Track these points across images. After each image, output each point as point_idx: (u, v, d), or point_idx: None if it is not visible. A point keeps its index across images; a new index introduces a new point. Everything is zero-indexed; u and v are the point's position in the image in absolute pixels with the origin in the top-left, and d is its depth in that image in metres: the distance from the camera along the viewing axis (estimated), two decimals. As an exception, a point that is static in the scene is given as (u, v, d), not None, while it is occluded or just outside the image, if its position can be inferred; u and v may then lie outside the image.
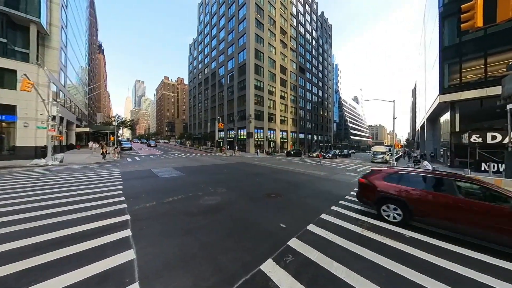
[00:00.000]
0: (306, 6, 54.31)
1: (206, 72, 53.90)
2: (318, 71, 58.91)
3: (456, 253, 3.42)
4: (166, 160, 18.11)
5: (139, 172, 11.40)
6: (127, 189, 7.35)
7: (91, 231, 3.87)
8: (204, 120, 53.20)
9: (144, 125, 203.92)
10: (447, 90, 17.08)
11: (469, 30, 4.60)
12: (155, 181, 8.88)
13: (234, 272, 2.75)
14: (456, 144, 16.28)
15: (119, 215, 4.73)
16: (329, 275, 2.78)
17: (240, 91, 38.74)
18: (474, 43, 15.69)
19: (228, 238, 3.77)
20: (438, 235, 4.10)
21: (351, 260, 3.14)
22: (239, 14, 39.73)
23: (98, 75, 67.33)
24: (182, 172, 11.44)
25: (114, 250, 3.21)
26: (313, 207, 5.75)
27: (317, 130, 57.47)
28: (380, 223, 4.67)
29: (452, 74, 16.99)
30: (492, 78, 14.55)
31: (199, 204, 5.79)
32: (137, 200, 5.96)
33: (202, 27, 57.43)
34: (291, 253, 3.29)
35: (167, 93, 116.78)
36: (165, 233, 3.89)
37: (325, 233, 4.05)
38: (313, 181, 9.94)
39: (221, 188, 7.77)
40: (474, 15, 4.46)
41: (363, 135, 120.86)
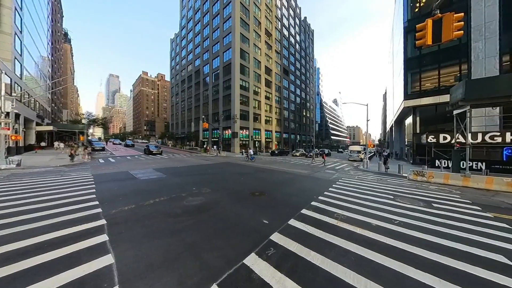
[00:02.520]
0: (290, 10, 56.04)
1: (190, 69, 51.98)
2: (301, 73, 61.26)
3: (412, 237, 4.04)
4: (146, 161, 17.10)
5: (114, 174, 10.61)
6: (101, 192, 6.85)
7: (60, 239, 3.58)
8: (188, 119, 51.26)
9: (119, 123, 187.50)
10: (410, 96, 19.40)
11: (421, 46, 5.41)
12: (133, 184, 8.40)
13: (218, 268, 2.87)
14: (417, 144, 18.60)
15: (92, 220, 4.44)
16: (306, 263, 3.08)
17: (225, 90, 38.31)
18: (431, 57, 18.14)
19: (213, 236, 3.85)
20: (401, 223, 4.76)
21: (326, 248, 3.50)
22: (224, 12, 39.24)
23: (64, 68, 59.94)
24: (164, 174, 10.99)
25: (90, 256, 3.06)
26: (294, 204, 6.11)
27: (300, 130, 59.78)
28: (353, 215, 5.22)
29: (414, 82, 19.35)
30: (444, 87, 17.01)
31: (183, 205, 5.72)
32: (113, 204, 5.62)
33: (185, 22, 55.19)
34: (273, 246, 3.52)
35: (146, 89, 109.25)
36: (147, 236, 3.80)
37: (304, 226, 4.39)
38: (295, 179, 10.45)
39: (206, 188, 7.72)
40: (425, 34, 5.27)
41: (342, 135, 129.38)
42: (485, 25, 15.21)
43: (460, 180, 9.76)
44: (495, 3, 14.79)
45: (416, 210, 5.70)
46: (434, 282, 2.66)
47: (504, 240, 3.94)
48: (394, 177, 12.20)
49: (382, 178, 11.86)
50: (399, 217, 5.11)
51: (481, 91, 9.15)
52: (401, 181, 10.71)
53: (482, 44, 15.39)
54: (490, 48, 15.07)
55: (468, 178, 9.60)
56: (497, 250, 3.51)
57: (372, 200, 6.60)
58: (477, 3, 15.58)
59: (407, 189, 8.65)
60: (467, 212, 5.63)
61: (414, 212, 5.50)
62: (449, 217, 5.21)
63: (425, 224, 4.67)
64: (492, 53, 14.97)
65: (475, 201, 6.92)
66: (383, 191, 8.11)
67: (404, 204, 6.25)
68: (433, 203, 6.49)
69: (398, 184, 9.74)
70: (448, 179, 10.15)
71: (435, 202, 6.62)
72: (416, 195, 7.47)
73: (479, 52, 15.52)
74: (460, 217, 5.23)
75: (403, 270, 2.90)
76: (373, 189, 8.35)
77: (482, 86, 9.30)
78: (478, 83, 9.82)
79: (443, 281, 2.67)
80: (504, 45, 14.58)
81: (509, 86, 8.52)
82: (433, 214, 5.37)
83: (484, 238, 3.98)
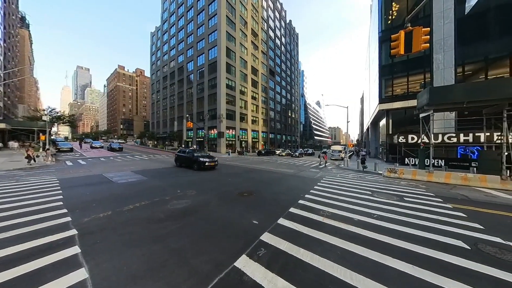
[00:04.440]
0: (276, 13, 57.03)
1: (172, 65, 49.48)
2: (286, 75, 62.79)
3: (389, 229, 4.41)
4: (123, 163, 15.76)
5: (86, 178, 9.55)
6: (69, 199, 6.10)
7: (18, 255, 3.08)
8: (170, 118, 48.72)
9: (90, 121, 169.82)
10: (384, 100, 21.25)
11: (395, 55, 5.95)
12: (109, 188, 7.66)
13: (208, 273, 2.76)
14: (390, 144, 20.46)
15: (60, 231, 3.92)
16: (296, 260, 3.14)
17: (211, 89, 37.35)
18: (401, 65, 20.11)
19: (201, 240, 3.71)
20: (379, 217, 5.16)
21: (314, 245, 3.62)
22: (210, 9, 38.24)
23: (21, 56, 52.10)
24: (145, 176, 10.25)
25: (57, 273, 2.68)
26: (283, 203, 6.22)
27: (286, 131, 61.29)
28: (337, 211, 5.50)
29: (387, 88, 21.25)
30: (411, 93, 19.01)
31: (167, 209, 5.39)
32: (85, 211, 5.05)
33: (167, 15, 52.36)
34: (264, 246, 3.52)
35: (123, 85, 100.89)
36: (127, 244, 3.49)
37: (293, 225, 4.49)
38: (282, 179, 10.65)
39: (192, 190, 7.41)
40: (399, 44, 5.82)
41: (324, 136, 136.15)
42: (444, 39, 17.43)
43: (425, 175, 11.02)
44: (452, 21, 17.04)
45: (391, 204, 6.24)
46: (408, 268, 2.93)
47: (462, 227, 4.54)
48: (371, 174, 13.23)
49: (361, 175, 12.77)
50: (377, 211, 5.54)
51: (442, 97, 10.45)
52: (377, 178, 11.66)
53: (441, 56, 17.60)
54: (447, 60, 17.30)
55: (431, 174, 10.88)
56: (457, 236, 4.02)
57: (353, 197, 7.05)
58: (438, 20, 17.76)
59: (383, 185, 9.45)
60: (432, 204, 6.36)
61: (389, 206, 6.02)
62: (418, 209, 5.83)
63: (399, 216, 5.15)
64: (449, 64, 17.21)
65: (438, 194, 7.87)
66: (362, 187, 8.73)
67: (380, 199, 6.81)
68: (405, 197, 7.19)
69: (375, 181, 10.58)
70: (415, 175, 11.37)
71: (406, 196, 7.35)
72: (390, 191, 8.20)
73: (439, 63, 17.72)
74: (426, 208, 5.88)
75: (382, 260, 3.14)
76: (354, 186, 8.93)
77: (442, 93, 10.63)
78: (439, 90, 11.19)
79: (416, 267, 2.96)
80: (458, 58, 16.88)
81: (462, 94, 9.89)
82: (404, 207, 5.95)
83: (446, 226, 4.53)
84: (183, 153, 14.55)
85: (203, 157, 13.25)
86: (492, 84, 10.28)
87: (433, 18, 17.92)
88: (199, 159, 12.90)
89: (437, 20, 17.76)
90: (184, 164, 14.00)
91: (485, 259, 3.22)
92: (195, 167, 12.89)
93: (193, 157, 13.31)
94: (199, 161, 12.83)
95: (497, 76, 15.34)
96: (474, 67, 16.57)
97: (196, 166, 12.84)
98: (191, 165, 13.25)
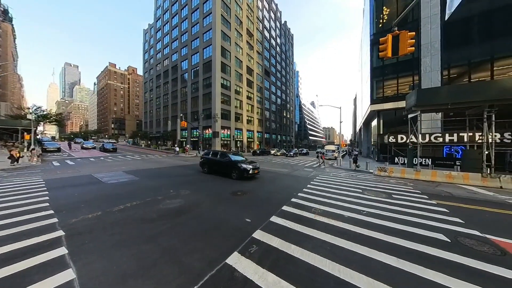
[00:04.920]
0: (271, 13, 57.30)
1: (166, 64, 48.60)
2: (281, 75, 63.22)
3: (376, 224, 4.58)
4: (114, 163, 15.35)
5: (74, 178, 9.24)
6: (56, 200, 5.90)
7: (1, 257, 2.97)
8: (164, 118, 47.84)
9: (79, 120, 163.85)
10: (375, 101, 21.87)
11: (383, 58, 6.17)
12: (99, 188, 7.46)
13: (199, 271, 2.78)
14: (381, 144, 21.08)
15: (46, 232, 3.80)
16: (287, 256, 3.21)
17: (205, 88, 37.02)
18: (391, 67, 20.78)
19: (193, 239, 3.71)
20: (368, 214, 5.34)
21: (305, 241, 3.71)
22: (204, 8, 37.90)
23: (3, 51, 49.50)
24: (137, 176, 10.05)
25: (43, 274, 2.61)
26: (276, 201, 6.30)
27: (281, 131, 61.71)
28: (329, 208, 5.64)
29: (378, 89, 21.89)
30: (401, 94, 19.68)
31: (159, 208, 5.34)
32: (73, 212, 4.91)
33: (161, 12, 51.37)
34: (255, 243, 3.58)
35: (114, 83, 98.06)
36: (117, 244, 3.44)
37: (285, 222, 4.57)
38: (276, 178, 10.75)
39: (185, 190, 7.35)
40: (387, 47, 6.04)
41: (319, 136, 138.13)
42: (431, 43, 18.17)
43: (413, 174, 11.46)
44: (438, 26, 17.80)
45: (379, 201, 6.47)
46: (392, 261, 3.07)
47: (444, 222, 4.79)
48: (363, 173, 13.61)
49: (353, 174, 13.11)
50: (367, 208, 5.74)
51: (428, 99, 10.92)
52: (368, 177, 12.01)
53: (429, 60, 18.34)
54: (434, 63, 18.06)
55: (419, 172, 11.34)
56: (439, 230, 4.24)
57: (344, 195, 7.25)
58: (425, 25, 18.50)
59: (373, 183, 9.76)
60: (418, 201, 6.65)
61: (378, 203, 6.24)
62: (405, 205, 6.08)
63: (387, 212, 5.36)
64: (436, 67, 17.97)
65: (424, 191, 8.22)
66: (354, 186, 8.97)
67: (370, 197, 7.04)
68: (393, 194, 7.47)
69: (365, 179, 10.89)
70: (404, 173, 11.81)
71: (394, 193, 7.63)
72: (380, 188, 8.49)
73: (427, 66, 18.45)
74: (412, 205, 6.15)
75: (369, 254, 3.28)
76: (345, 185, 9.17)
77: (429, 95, 11.11)
78: (426, 92, 11.68)
79: (400, 260, 3.11)
80: (444, 62, 17.66)
81: (446, 96, 10.38)
82: (392, 204, 6.19)
83: (430, 221, 4.77)
84: (214, 156, 11.27)
85: (244, 162, 10.11)
86: (473, 87, 10.86)
87: (421, 23, 18.64)
88: (241, 165, 9.63)
89: (425, 25, 18.50)
90: (216, 170, 10.81)
91: (463, 251, 3.43)
92: (234, 175, 9.64)
93: (230, 161, 10.13)
94: (241, 167, 9.52)
95: (479, 79, 16.17)
96: (459, 70, 17.39)
97: (236, 174, 9.59)
98: (228, 172, 10.05)
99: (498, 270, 2.91)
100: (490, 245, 3.67)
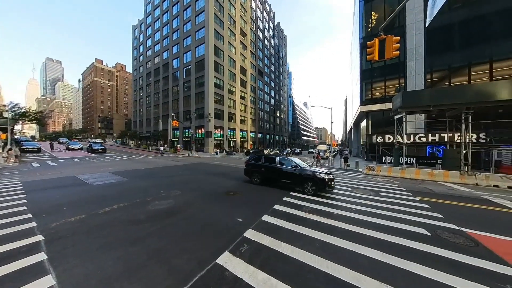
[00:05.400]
0: (265, 14, 57.51)
1: (157, 61, 47.22)
2: (275, 76, 63.65)
3: (364, 221, 4.75)
4: (100, 164, 14.69)
5: (56, 180, 8.74)
6: (35, 202, 5.56)
7: (-28, 265, 2.75)
8: (155, 117, 46.46)
9: (62, 119, 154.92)
10: (364, 103, 22.66)
11: (371, 61, 6.42)
12: (83, 190, 7.11)
13: (189, 271, 2.74)
14: (369, 143, 21.88)
15: (23, 237, 3.57)
16: (278, 254, 3.25)
17: (198, 87, 36.42)
18: (379, 70, 21.63)
19: (183, 240, 3.65)
20: (356, 211, 5.52)
21: (295, 239, 3.77)
22: (197, 5, 37.27)
23: (-27, 43, 45.54)
24: (125, 177, 9.68)
25: (18, 283, 2.44)
26: (268, 200, 6.34)
27: (274, 131, 62.12)
28: (319, 206, 5.77)
29: (367, 91, 22.70)
30: (388, 96, 20.54)
31: (148, 210, 5.19)
32: (54, 216, 4.65)
33: (151, 8, 49.83)
34: (247, 242, 3.58)
35: (101, 80, 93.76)
36: (103, 248, 3.30)
37: (277, 221, 4.62)
38: (269, 177, 10.81)
39: (175, 191, 7.20)
40: (374, 51, 6.29)
41: (311, 136, 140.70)
42: (415, 48, 19.14)
43: (399, 172, 12.02)
44: (421, 32, 18.79)
45: (367, 199, 6.72)
46: (377, 255, 3.21)
47: (426, 217, 5.08)
48: (353, 172, 14.06)
49: (343, 173, 13.50)
50: (355, 205, 5.94)
51: (413, 101, 11.50)
52: (358, 175, 12.43)
53: (413, 64, 19.30)
54: (419, 67, 19.04)
55: (404, 171, 11.90)
56: (421, 225, 4.49)
57: (335, 193, 7.45)
58: (410, 30, 19.46)
59: (362, 181, 10.11)
60: (402, 198, 6.99)
61: (366, 201, 6.48)
62: (390, 202, 6.37)
63: (374, 209, 5.58)
64: (420, 71, 18.95)
65: (408, 188, 8.65)
66: (343, 184, 9.25)
67: (359, 195, 7.29)
68: (380, 192, 7.79)
69: (355, 178, 11.26)
70: (391, 172, 12.35)
71: (381, 191, 7.96)
72: (368, 186, 8.82)
73: (412, 70, 19.41)
74: (397, 201, 6.45)
75: (356, 249, 3.40)
76: (336, 183, 9.41)
77: (413, 97, 11.70)
78: (411, 95, 12.28)
79: (384, 254, 3.26)
80: (427, 66, 18.67)
81: (428, 99, 10.99)
82: (379, 201, 6.45)
83: (412, 217, 5.03)
84: (269, 162, 8.34)
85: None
86: (452, 91, 11.59)
87: (406, 28, 19.59)
88: (319, 174, 7.05)
89: (410, 31, 19.45)
90: (271, 179, 8.30)
91: (441, 244, 3.65)
92: (308, 188, 7.00)
93: (296, 169, 7.52)
94: (316, 177, 6.99)
95: (458, 83, 17.28)
96: (440, 74, 18.47)
97: (311, 187, 6.96)
98: (296, 183, 7.54)
99: (471, 260, 3.14)
100: (465, 237, 3.95)
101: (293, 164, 7.82)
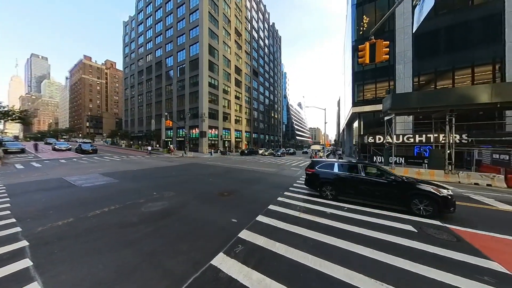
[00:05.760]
0: (260, 14, 57.64)
1: (149, 59, 46.11)
2: (269, 76, 63.96)
3: (355, 219, 4.91)
4: (89, 165, 14.16)
5: (41, 182, 8.35)
6: (19, 206, 5.30)
7: (-51, 274, 2.60)
8: (147, 116, 45.36)
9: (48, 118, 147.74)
10: (356, 104, 23.26)
11: (362, 64, 6.63)
12: (71, 193, 6.85)
13: (183, 273, 2.73)
14: (361, 144, 22.49)
15: (7, 243, 3.41)
16: (272, 254, 3.30)
17: (192, 86, 35.92)
18: (371, 72, 22.28)
19: (177, 242, 3.62)
20: (348, 209, 5.69)
21: (289, 238, 3.84)
22: (191, 3, 36.75)
23: None
24: (115, 179, 9.41)
25: (4, 290, 2.35)
26: (262, 201, 6.39)
27: (269, 131, 62.43)
28: (313, 206, 5.89)
29: (359, 93, 23.31)
30: (379, 98, 21.20)
31: (141, 212, 5.09)
32: (40, 220, 4.46)
33: (143, 4, 48.58)
34: (241, 243, 3.61)
35: (89, 77, 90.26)
36: (92, 252, 3.21)
37: (271, 221, 4.68)
38: (264, 178, 10.89)
39: (169, 192, 7.09)
40: (365, 54, 6.50)
41: (305, 136, 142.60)
42: (404, 52, 19.89)
43: (389, 171, 12.45)
44: (410, 37, 19.55)
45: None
46: (367, 252, 3.34)
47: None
48: (345, 172, 14.38)
49: (336, 172, 13.79)
50: (347, 204, 6.11)
51: (402, 103, 11.96)
52: (350, 175, 12.73)
53: (402, 67, 20.04)
54: (407, 71, 19.79)
55: (393, 170, 12.34)
56: (408, 222, 4.70)
57: (328, 192, 7.61)
58: (399, 35, 20.19)
59: (354, 181, 10.38)
60: (392, 196, 7.25)
61: (357, 199, 6.67)
62: (380, 201, 6.59)
63: (365, 208, 5.76)
64: (408, 74, 19.72)
65: (397, 187, 8.98)
66: (336, 183, 9.45)
67: (351, 194, 7.48)
68: (371, 191, 8.05)
69: (347, 177, 11.55)
70: (381, 171, 12.76)
71: (372, 190, 8.22)
72: (360, 186, 9.07)
73: (401, 73, 20.15)
74: (387, 200, 6.69)
75: (348, 247, 3.51)
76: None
77: (402, 100, 12.17)
78: (400, 97, 12.77)
79: (374, 250, 3.39)
80: (415, 70, 19.46)
81: (416, 101, 11.48)
82: (370, 200, 6.67)
83: (400, 214, 5.25)
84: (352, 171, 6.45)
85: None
86: (437, 94, 12.16)
87: (396, 33, 20.31)
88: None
89: (399, 35, 20.19)
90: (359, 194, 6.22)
91: (426, 239, 3.85)
92: (423, 209, 5.12)
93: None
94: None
95: (443, 86, 18.14)
96: (427, 78, 19.30)
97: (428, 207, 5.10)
98: (397, 200, 5.62)
99: (453, 254, 3.34)
100: (449, 233, 4.19)
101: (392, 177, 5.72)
